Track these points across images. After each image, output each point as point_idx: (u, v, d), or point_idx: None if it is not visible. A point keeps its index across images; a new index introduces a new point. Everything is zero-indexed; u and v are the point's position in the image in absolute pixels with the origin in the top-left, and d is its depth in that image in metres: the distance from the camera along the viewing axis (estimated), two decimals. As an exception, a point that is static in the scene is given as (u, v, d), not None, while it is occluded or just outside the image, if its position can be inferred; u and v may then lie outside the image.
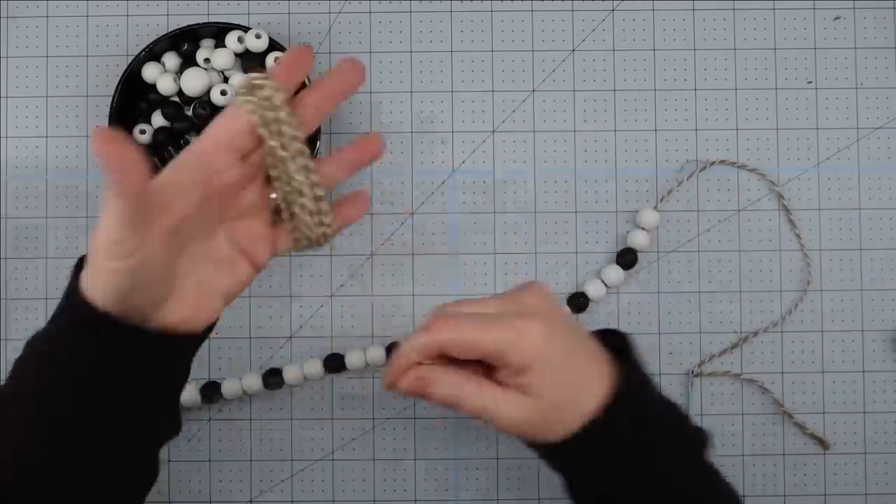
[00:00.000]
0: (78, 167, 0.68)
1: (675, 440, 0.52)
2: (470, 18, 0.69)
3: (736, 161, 0.69)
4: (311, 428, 0.68)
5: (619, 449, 0.50)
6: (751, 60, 0.69)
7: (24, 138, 0.68)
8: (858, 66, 0.69)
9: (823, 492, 0.68)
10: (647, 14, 0.69)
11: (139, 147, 0.49)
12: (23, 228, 0.68)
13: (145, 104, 0.67)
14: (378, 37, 0.69)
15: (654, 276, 0.68)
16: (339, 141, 0.68)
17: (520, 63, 0.69)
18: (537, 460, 0.67)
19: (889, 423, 0.68)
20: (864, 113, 0.69)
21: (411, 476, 0.68)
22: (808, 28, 0.69)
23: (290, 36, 0.69)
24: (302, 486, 0.67)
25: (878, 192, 0.68)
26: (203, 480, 0.67)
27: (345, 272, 0.68)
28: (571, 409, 0.49)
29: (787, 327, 0.68)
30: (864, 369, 0.68)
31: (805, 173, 0.69)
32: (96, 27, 0.69)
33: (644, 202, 0.69)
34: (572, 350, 0.50)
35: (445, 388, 0.49)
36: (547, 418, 0.49)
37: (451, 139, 0.69)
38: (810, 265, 0.68)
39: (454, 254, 0.68)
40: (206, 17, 0.69)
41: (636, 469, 0.50)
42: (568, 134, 0.69)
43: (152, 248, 0.44)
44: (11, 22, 0.69)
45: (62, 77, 0.69)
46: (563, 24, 0.69)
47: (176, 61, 0.67)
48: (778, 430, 0.68)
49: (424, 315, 0.57)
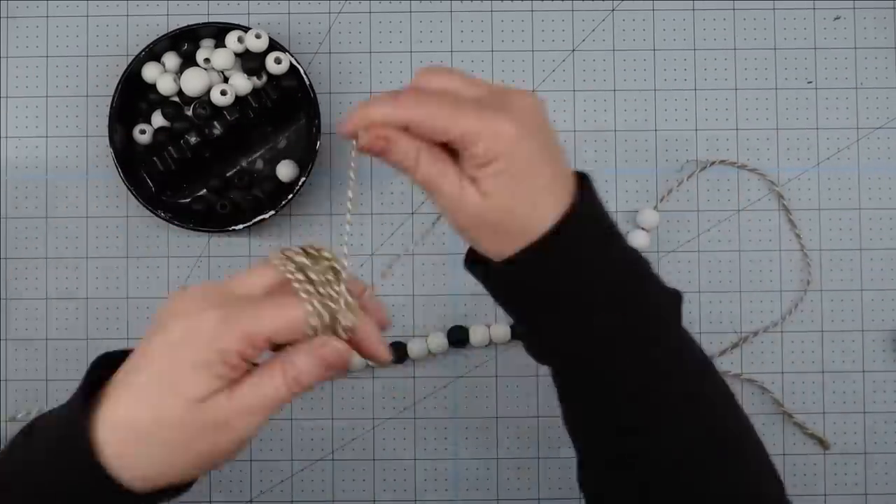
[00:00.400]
0: (78, 167, 0.68)
1: (625, 289, 0.48)
2: (470, 18, 0.69)
3: (736, 161, 0.68)
4: (311, 428, 0.68)
5: (562, 280, 0.47)
6: (751, 60, 0.69)
7: (24, 138, 0.68)
8: (858, 66, 0.69)
9: (823, 492, 0.68)
10: (647, 14, 0.69)
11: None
12: (23, 228, 0.68)
13: (145, 104, 0.67)
14: (378, 37, 0.69)
15: (654, 276, 0.68)
16: (340, 140, 0.68)
17: (520, 63, 0.69)
18: (537, 460, 0.67)
19: (889, 423, 0.68)
20: (864, 113, 0.69)
21: (411, 476, 0.68)
22: (808, 28, 0.69)
23: (290, 36, 0.69)
24: (302, 486, 0.67)
25: (878, 192, 0.68)
26: (203, 480, 0.67)
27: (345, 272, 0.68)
28: (517, 226, 0.47)
29: (787, 327, 0.68)
30: (864, 369, 0.68)
31: (805, 173, 0.69)
32: (96, 27, 0.69)
33: (644, 202, 0.69)
34: (537, 162, 0.46)
35: (402, 150, 0.46)
36: (493, 223, 0.47)
37: (451, 139, 0.69)
38: (810, 265, 0.68)
39: (454, 254, 0.68)
40: (206, 17, 0.69)
41: (576, 311, 0.47)
42: (568, 134, 0.69)
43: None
44: (11, 22, 0.69)
45: (62, 77, 0.69)
46: (563, 24, 0.69)
47: (176, 61, 0.67)
48: (778, 430, 0.68)
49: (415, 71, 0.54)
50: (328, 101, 0.68)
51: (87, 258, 0.68)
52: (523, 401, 0.68)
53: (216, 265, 0.68)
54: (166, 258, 0.68)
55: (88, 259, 0.68)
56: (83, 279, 0.68)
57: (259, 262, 0.45)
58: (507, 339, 0.68)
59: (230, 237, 0.68)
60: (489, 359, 0.68)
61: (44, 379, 0.68)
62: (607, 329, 0.47)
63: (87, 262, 0.68)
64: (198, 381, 0.41)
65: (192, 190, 0.68)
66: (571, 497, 0.67)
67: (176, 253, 0.68)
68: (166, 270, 0.68)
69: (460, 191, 0.46)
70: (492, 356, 0.68)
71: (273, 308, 0.42)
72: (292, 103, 0.67)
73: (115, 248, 0.68)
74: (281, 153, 0.68)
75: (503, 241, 0.47)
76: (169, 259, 0.68)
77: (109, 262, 0.68)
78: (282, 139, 0.68)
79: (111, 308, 0.68)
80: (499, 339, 0.68)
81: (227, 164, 0.68)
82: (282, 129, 0.68)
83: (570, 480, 0.67)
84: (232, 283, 0.45)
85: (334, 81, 0.69)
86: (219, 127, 0.66)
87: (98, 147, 0.68)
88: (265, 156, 0.68)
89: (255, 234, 0.68)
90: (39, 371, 0.68)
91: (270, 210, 0.65)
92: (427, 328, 0.68)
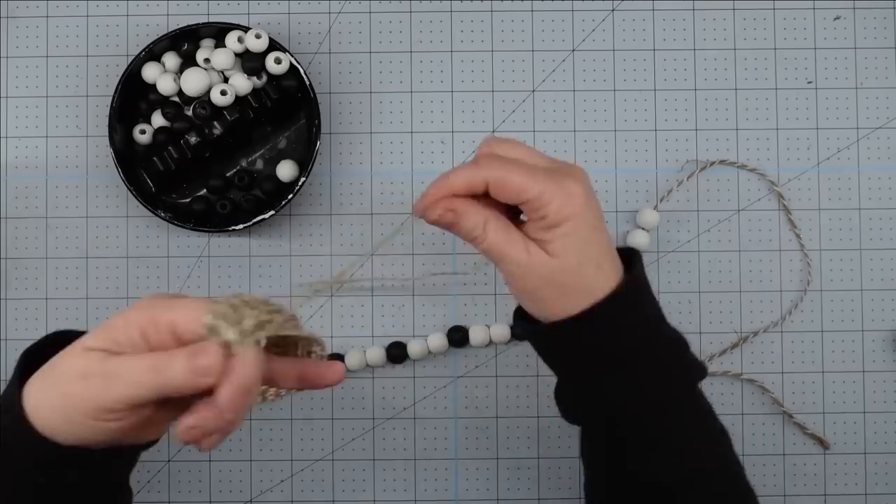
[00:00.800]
0: (78, 167, 0.68)
1: (672, 351, 0.52)
2: (470, 18, 0.69)
3: (736, 161, 0.68)
4: (311, 428, 0.68)
5: (623, 338, 0.50)
6: (751, 60, 0.69)
7: (24, 138, 0.68)
8: (858, 66, 0.69)
9: (823, 492, 0.68)
10: (647, 14, 0.69)
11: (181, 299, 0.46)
12: (23, 228, 0.68)
13: (145, 104, 0.67)
14: (378, 37, 0.69)
15: (654, 276, 0.68)
16: (340, 141, 0.68)
17: (520, 63, 0.69)
18: (537, 460, 0.67)
19: (889, 423, 0.68)
20: (864, 113, 0.69)
21: (411, 476, 0.68)
22: (808, 28, 0.69)
23: (290, 36, 0.69)
24: (302, 486, 0.67)
25: (878, 192, 0.68)
26: (203, 480, 0.67)
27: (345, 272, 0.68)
28: (584, 285, 0.50)
29: (787, 327, 0.68)
30: (864, 369, 0.68)
31: (805, 173, 0.69)
32: (96, 27, 0.69)
33: (644, 202, 0.69)
34: (599, 228, 0.50)
35: (472, 219, 0.50)
36: (562, 284, 0.50)
37: (451, 139, 0.69)
38: (810, 265, 0.68)
39: (454, 254, 0.68)
40: (206, 17, 0.69)
41: (632, 368, 0.50)
42: (568, 134, 0.69)
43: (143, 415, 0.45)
44: (11, 22, 0.69)
45: (62, 77, 0.69)
46: (563, 24, 0.69)
47: (176, 61, 0.67)
48: (778, 430, 0.68)
49: (476, 144, 0.57)
50: (328, 101, 0.68)
51: (87, 258, 0.68)
52: (523, 401, 0.68)
53: (216, 265, 0.68)
54: (166, 258, 0.68)
55: (88, 259, 0.68)
56: (83, 279, 0.68)
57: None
58: (507, 339, 0.68)
59: (230, 237, 0.68)
60: (489, 359, 0.68)
61: (44, 379, 0.68)
62: (657, 387, 0.51)
63: (87, 262, 0.68)
64: (95, 336, 0.45)
65: (192, 190, 0.68)
66: (571, 497, 0.67)
67: (176, 253, 0.68)
68: (166, 270, 0.68)
69: (528, 255, 0.50)
70: (492, 356, 0.68)
71: (186, 301, 0.45)
72: (292, 103, 0.67)
73: (115, 248, 0.68)
74: (281, 153, 0.68)
75: (568, 301, 0.50)
76: (169, 259, 0.68)
77: (109, 262, 0.68)
78: (282, 139, 0.68)
79: (111, 308, 0.68)
80: (499, 339, 0.68)
81: (227, 164, 0.68)
82: (282, 129, 0.68)
83: (570, 480, 0.67)
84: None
85: (334, 81, 0.69)
86: (219, 127, 0.66)
87: (98, 147, 0.68)
88: (265, 156, 0.68)
89: (255, 234, 0.68)
90: (39, 371, 0.68)
91: (270, 210, 0.65)
92: (427, 328, 0.68)
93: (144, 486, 0.67)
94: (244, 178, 0.67)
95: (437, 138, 0.69)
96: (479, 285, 0.68)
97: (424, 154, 0.68)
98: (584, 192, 0.50)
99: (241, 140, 0.67)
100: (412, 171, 0.68)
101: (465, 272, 0.68)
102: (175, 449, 0.67)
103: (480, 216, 0.50)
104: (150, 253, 0.68)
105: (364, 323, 0.68)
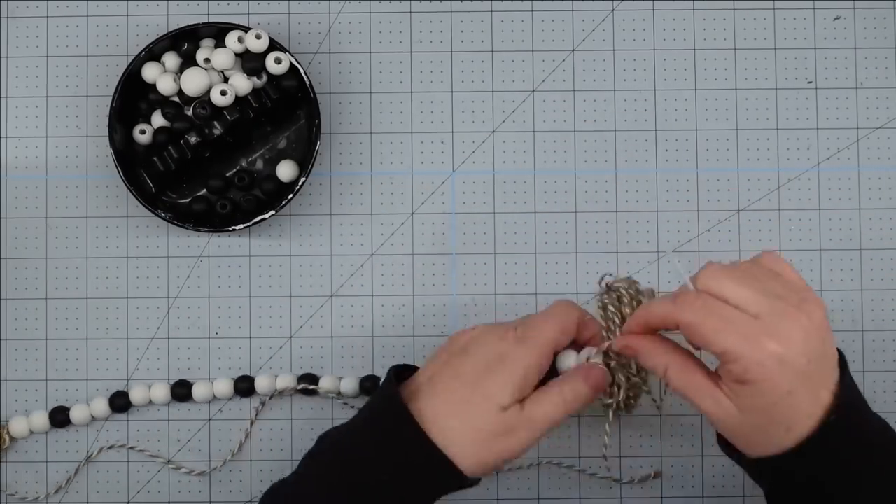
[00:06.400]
0: (78, 167, 0.68)
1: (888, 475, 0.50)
2: (470, 18, 0.69)
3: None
4: (311, 428, 0.68)
5: (830, 473, 0.49)
6: (751, 60, 0.69)
7: (24, 138, 0.68)
8: (858, 66, 0.69)
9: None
10: (647, 14, 0.69)
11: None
12: (23, 228, 0.68)
13: (145, 104, 0.67)
14: (378, 37, 0.69)
15: (655, 277, 0.68)
16: (340, 141, 0.68)
17: (520, 63, 0.69)
18: (537, 460, 0.67)
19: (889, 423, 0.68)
20: (864, 113, 0.69)
21: (411, 476, 0.67)
22: (808, 28, 0.69)
23: (290, 36, 0.69)
24: (302, 486, 0.67)
25: (878, 192, 0.68)
26: (203, 480, 0.67)
27: (345, 272, 0.68)
28: (775, 441, 0.49)
29: (787, 327, 0.68)
30: (864, 369, 0.68)
31: (805, 173, 0.69)
32: (96, 27, 0.69)
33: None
34: (794, 391, 0.47)
35: (650, 362, 0.52)
36: (748, 434, 0.49)
37: (451, 139, 0.69)
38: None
39: (454, 254, 0.68)
40: (206, 17, 0.69)
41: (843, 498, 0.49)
42: (568, 134, 0.69)
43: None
44: (11, 22, 0.69)
45: (62, 77, 0.69)
46: (563, 24, 0.69)
47: (176, 61, 0.67)
48: (778, 430, 0.68)
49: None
50: (328, 101, 0.68)
51: (87, 258, 0.68)
52: (523, 401, 0.68)
53: (216, 265, 0.68)
54: (166, 258, 0.68)
55: (88, 259, 0.68)
56: (83, 279, 0.68)
57: (554, 308, 0.56)
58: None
59: (230, 237, 0.68)
60: (489, 359, 0.68)
61: (44, 379, 0.68)
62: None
63: (87, 262, 0.68)
64: (506, 392, 0.52)
65: (192, 190, 0.68)
66: (571, 497, 0.67)
67: (176, 253, 0.68)
68: (166, 270, 0.68)
69: (713, 405, 0.49)
70: (492, 356, 0.68)
71: (549, 317, 0.55)
72: (292, 103, 0.67)
73: (115, 248, 0.68)
74: (281, 153, 0.68)
75: (756, 449, 0.50)
76: (169, 259, 0.68)
77: (109, 262, 0.68)
78: (282, 139, 0.68)
79: (111, 308, 0.68)
80: (499, 339, 0.67)
81: (227, 164, 0.68)
82: (282, 129, 0.68)
83: (571, 480, 0.67)
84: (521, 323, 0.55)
85: (334, 81, 0.69)
86: (219, 127, 0.66)
87: (98, 147, 0.68)
88: (265, 156, 0.68)
89: (255, 234, 0.68)
90: (39, 371, 0.68)
91: (270, 210, 0.65)
92: (427, 328, 0.68)
93: (144, 486, 0.67)
94: (244, 178, 0.67)
95: (437, 138, 0.69)
96: (480, 285, 0.68)
97: (424, 154, 0.68)
98: (783, 354, 0.46)
99: (241, 140, 0.67)
100: (412, 171, 0.68)
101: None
102: (176, 449, 0.67)
103: (661, 361, 0.51)
104: (150, 253, 0.68)
105: (364, 323, 0.68)
